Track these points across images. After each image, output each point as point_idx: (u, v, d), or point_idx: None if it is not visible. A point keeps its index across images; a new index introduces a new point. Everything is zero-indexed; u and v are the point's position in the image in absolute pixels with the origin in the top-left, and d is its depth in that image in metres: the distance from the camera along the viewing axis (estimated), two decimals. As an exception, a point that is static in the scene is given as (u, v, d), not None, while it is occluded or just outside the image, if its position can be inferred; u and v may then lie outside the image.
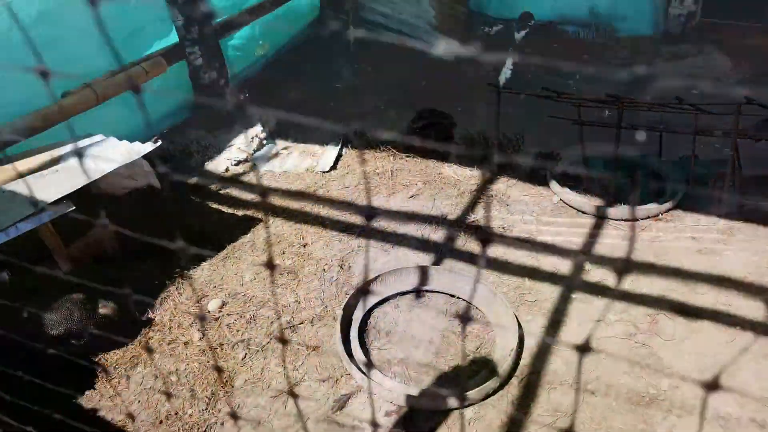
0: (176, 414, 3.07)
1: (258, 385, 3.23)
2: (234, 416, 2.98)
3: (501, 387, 3.15)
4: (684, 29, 6.71)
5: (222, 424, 3.03)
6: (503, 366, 3.12)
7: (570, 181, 4.61)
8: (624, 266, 3.35)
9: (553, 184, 4.59)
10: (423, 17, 6.96)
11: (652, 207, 4.31)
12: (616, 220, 4.32)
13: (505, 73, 5.72)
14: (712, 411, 2.99)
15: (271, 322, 3.61)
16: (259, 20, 6.27)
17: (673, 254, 3.98)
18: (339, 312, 3.49)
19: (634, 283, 3.79)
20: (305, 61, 6.96)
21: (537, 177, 4.78)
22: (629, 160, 4.91)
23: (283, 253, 4.14)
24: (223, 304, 3.72)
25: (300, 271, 3.99)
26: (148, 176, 4.19)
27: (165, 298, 3.76)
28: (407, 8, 6.93)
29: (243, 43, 6.16)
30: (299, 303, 3.75)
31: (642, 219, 4.31)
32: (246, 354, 3.42)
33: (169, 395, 3.13)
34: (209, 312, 3.67)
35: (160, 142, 3.72)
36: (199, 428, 3.00)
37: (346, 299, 3.55)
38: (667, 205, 4.33)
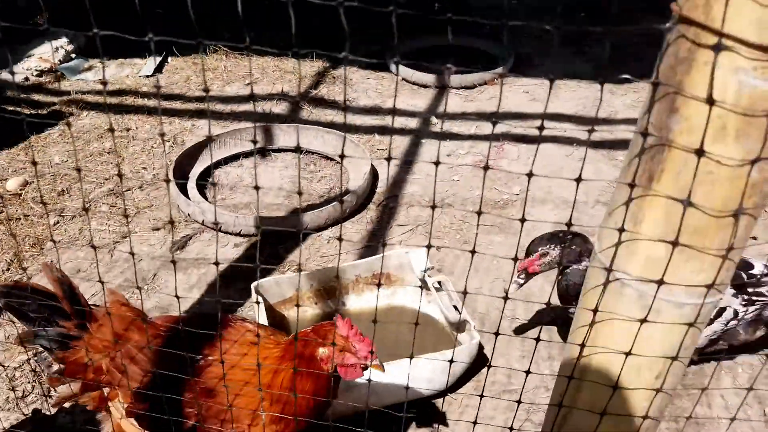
0: (-35, 280, 2.45)
1: (76, 243, 2.71)
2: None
3: (358, 210, 2.96)
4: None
5: (30, 278, 2.47)
6: (357, 186, 2.93)
7: (409, 65, 4.59)
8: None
9: (394, 66, 4.54)
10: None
11: (486, 73, 4.43)
12: (455, 88, 4.37)
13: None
14: (563, 200, 3.07)
15: (90, 192, 3.08)
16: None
17: (510, 104, 4.11)
18: (171, 165, 3.07)
19: (479, 128, 3.84)
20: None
21: (377, 65, 4.70)
22: (462, 45, 5.03)
23: (101, 137, 3.60)
24: (26, 183, 3.11)
25: (123, 150, 3.48)
26: None
27: (-54, 183, 3.06)
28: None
29: (38, -40, 5.40)
30: (124, 175, 3.25)
31: (479, 85, 4.41)
32: (59, 221, 2.86)
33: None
34: (8, 191, 3.04)
35: None
36: None
37: (178, 155, 3.15)
38: (498, 70, 4.47)
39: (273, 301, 2.11)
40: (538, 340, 1.06)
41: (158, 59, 4.77)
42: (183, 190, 2.97)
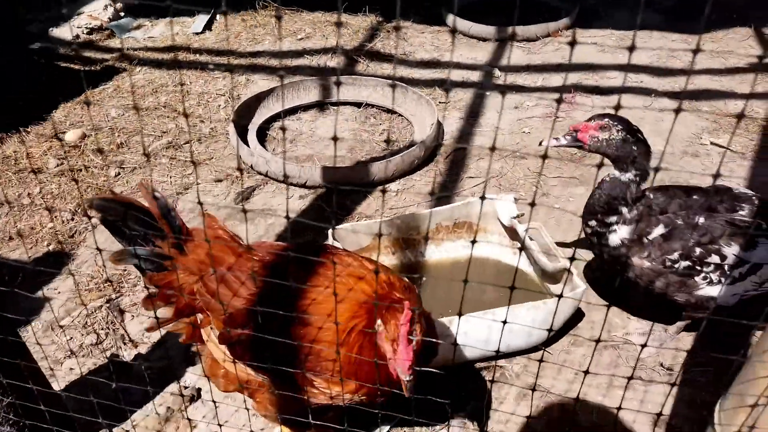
0: (32, 229, 2.40)
1: (137, 195, 2.63)
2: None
3: (425, 162, 2.81)
4: None
5: (95, 227, 2.41)
6: (425, 136, 2.77)
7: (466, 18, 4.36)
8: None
9: (450, 18, 4.32)
10: None
11: (550, 24, 4.18)
12: (517, 41, 4.14)
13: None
14: (645, 150, 2.84)
15: (149, 145, 3.01)
16: None
17: (578, 56, 3.85)
18: (232, 116, 2.95)
19: (545, 80, 3.61)
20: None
21: (433, 19, 4.48)
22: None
23: (156, 92, 3.51)
24: (85, 135, 3.05)
25: (179, 105, 3.39)
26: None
27: (7, 136, 3.02)
28: None
29: None
30: (181, 128, 3.16)
31: (542, 37, 4.16)
32: (119, 173, 2.80)
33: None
34: (67, 143, 2.98)
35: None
36: (63, 235, 2.36)
37: (238, 105, 3.03)
38: (564, 21, 4.21)
39: (350, 249, 1.99)
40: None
41: (207, 17, 4.65)
42: (244, 140, 2.86)
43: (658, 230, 1.69)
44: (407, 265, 2.06)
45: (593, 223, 1.76)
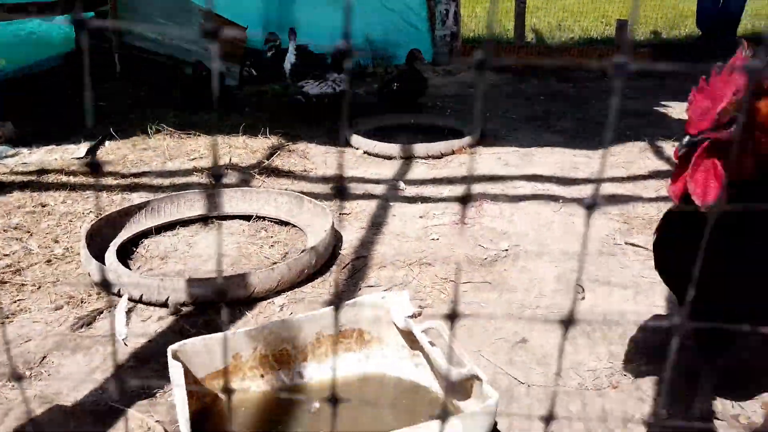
0: None
1: (-56, 326, 2.04)
2: None
3: (319, 273, 2.42)
4: (451, 49, 7.25)
5: None
6: (317, 242, 2.41)
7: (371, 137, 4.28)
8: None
9: (355, 138, 4.21)
10: (197, 43, 6.54)
11: (454, 142, 4.14)
12: (421, 158, 4.04)
13: (289, 58, 5.41)
14: (561, 251, 2.61)
15: (-19, 268, 2.46)
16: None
17: (483, 169, 3.76)
18: (83, 234, 2.49)
19: (452, 191, 3.44)
20: (61, 84, 6.01)
21: (337, 141, 4.37)
22: (425, 123, 4.82)
23: (9, 214, 3.02)
24: None
25: (34, 226, 2.90)
26: None
27: None
28: (178, 35, 6.47)
29: (-31, 51, 5.07)
30: (30, 250, 2.65)
31: (447, 154, 4.09)
32: (-71, 301, 2.21)
33: None
34: None
35: None
36: None
37: (93, 222, 2.59)
38: (467, 139, 4.20)
39: (201, 374, 1.50)
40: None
41: (91, 143, 4.32)
42: (102, 258, 2.39)
43: None
44: (284, 390, 1.57)
45: None
